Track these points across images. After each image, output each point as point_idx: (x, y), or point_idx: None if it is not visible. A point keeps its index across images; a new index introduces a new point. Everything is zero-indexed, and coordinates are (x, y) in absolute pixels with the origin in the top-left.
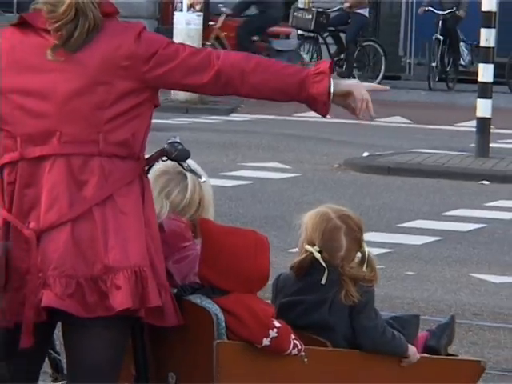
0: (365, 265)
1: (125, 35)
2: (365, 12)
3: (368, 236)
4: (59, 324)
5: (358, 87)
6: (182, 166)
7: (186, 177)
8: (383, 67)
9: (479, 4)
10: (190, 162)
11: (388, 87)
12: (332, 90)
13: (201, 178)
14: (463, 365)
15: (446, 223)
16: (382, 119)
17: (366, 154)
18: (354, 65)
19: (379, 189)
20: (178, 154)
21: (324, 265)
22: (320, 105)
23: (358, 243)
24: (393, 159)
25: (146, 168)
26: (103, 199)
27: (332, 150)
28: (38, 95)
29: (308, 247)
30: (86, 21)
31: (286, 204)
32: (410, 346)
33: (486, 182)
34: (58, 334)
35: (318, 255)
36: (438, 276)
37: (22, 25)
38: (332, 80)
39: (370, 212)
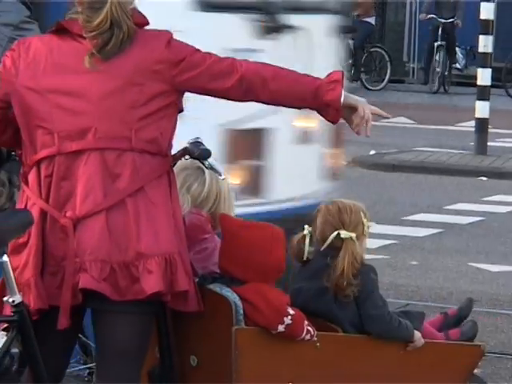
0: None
1: (156, 42)
2: (372, 20)
3: (375, 228)
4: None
5: (364, 105)
6: (203, 164)
7: (203, 171)
8: (389, 71)
9: (473, 11)
10: (210, 160)
11: (389, 116)
12: (342, 99)
13: (221, 175)
14: (465, 348)
15: (446, 216)
16: (388, 120)
17: (372, 152)
18: (362, 69)
19: (385, 184)
20: (200, 153)
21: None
22: (332, 111)
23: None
24: (397, 157)
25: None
26: (135, 191)
27: None
28: (75, 94)
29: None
30: (120, 31)
31: None
32: (415, 332)
33: (484, 178)
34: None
35: (307, 233)
36: (440, 265)
37: (59, 31)
38: (343, 90)
39: (376, 206)
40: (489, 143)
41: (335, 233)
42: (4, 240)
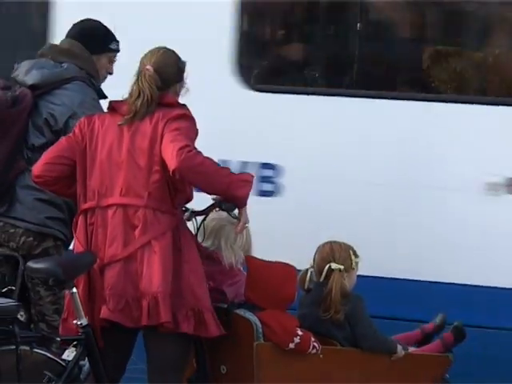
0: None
1: (162, 119)
2: None
3: None
4: None
5: (246, 217)
6: (230, 214)
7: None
8: None
9: None
10: (235, 211)
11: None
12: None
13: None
14: (437, 358)
15: None
16: None
17: None
18: None
19: None
20: (228, 207)
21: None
22: (239, 202)
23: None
24: None
25: (203, 217)
26: (145, 243)
27: None
28: (115, 164)
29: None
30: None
31: None
32: (398, 345)
33: None
34: None
35: (310, 270)
36: None
37: (111, 110)
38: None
39: None
40: None
41: (328, 265)
42: (75, 276)
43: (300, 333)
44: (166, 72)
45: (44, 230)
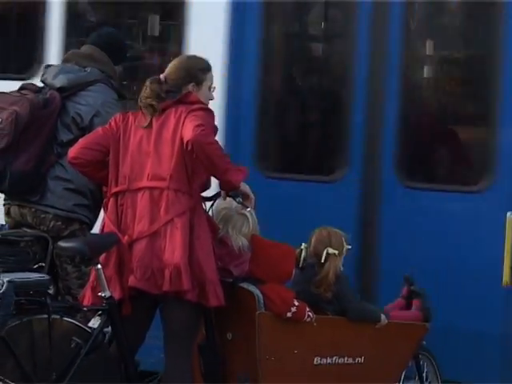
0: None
1: (184, 112)
2: None
3: None
4: None
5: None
6: (235, 199)
7: (247, 216)
8: None
9: None
10: (239, 198)
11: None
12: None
13: (248, 207)
14: (415, 326)
15: None
16: None
17: None
18: None
19: None
20: (233, 193)
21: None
22: (232, 186)
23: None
24: None
25: (212, 202)
26: (168, 221)
27: None
28: (144, 153)
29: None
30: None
31: None
32: (381, 315)
33: None
34: None
35: (304, 250)
36: None
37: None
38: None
39: None
40: None
41: (326, 250)
42: (100, 253)
43: (296, 303)
44: (173, 79)
45: (71, 215)
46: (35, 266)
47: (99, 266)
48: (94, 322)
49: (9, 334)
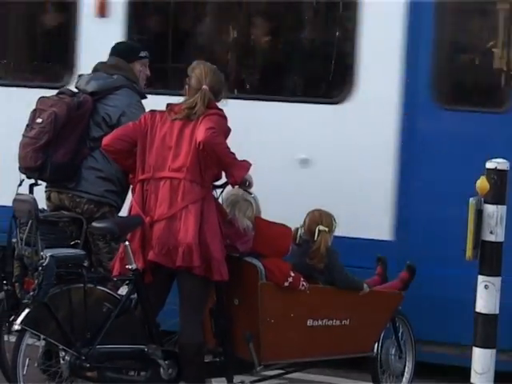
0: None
1: (209, 118)
2: None
3: None
4: None
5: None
6: (240, 187)
7: (250, 202)
8: None
9: None
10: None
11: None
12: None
13: (251, 193)
14: (393, 294)
15: None
16: None
17: None
18: None
19: None
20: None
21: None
22: (235, 180)
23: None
24: None
25: (221, 190)
26: (184, 207)
27: None
28: (167, 147)
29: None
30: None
31: None
32: (364, 284)
33: None
34: None
35: (300, 229)
36: None
37: (169, 109)
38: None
39: None
40: None
41: (317, 227)
42: (127, 232)
43: (292, 274)
44: (218, 90)
45: (102, 199)
46: (72, 243)
47: (127, 242)
48: (122, 290)
49: (50, 300)
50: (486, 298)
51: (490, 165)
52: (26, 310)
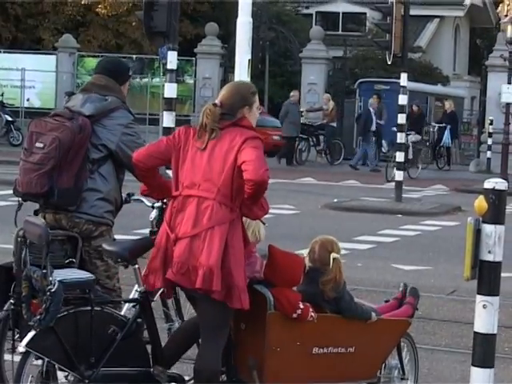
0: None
1: (240, 136)
2: (334, 124)
3: None
4: None
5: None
6: None
7: (259, 224)
8: (343, 153)
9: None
10: None
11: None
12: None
13: (264, 223)
14: (399, 321)
15: (375, 237)
16: (344, 182)
17: (335, 200)
18: (328, 151)
19: (342, 219)
20: None
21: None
22: (249, 216)
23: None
24: (350, 203)
25: None
26: (209, 228)
27: (317, 197)
28: (197, 167)
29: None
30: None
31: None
32: (372, 313)
33: (399, 215)
34: None
35: (306, 259)
36: (375, 266)
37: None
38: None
39: (333, 233)
40: (403, 195)
41: (331, 255)
42: (136, 257)
43: (301, 306)
44: (229, 104)
45: (101, 220)
46: (66, 262)
47: (136, 266)
48: (129, 312)
49: (57, 324)
50: (484, 317)
51: (488, 185)
52: (32, 333)
